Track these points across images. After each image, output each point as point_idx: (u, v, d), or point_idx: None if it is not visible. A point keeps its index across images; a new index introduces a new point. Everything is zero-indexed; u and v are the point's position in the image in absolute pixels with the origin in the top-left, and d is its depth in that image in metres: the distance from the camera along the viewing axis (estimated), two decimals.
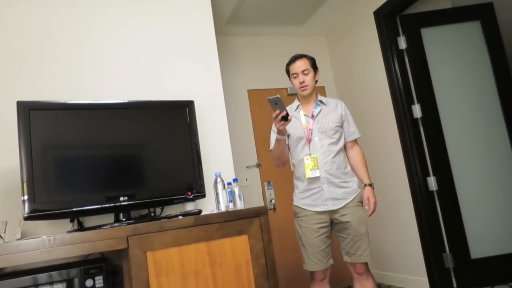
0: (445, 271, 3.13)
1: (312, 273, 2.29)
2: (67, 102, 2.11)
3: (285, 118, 2.05)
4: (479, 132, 3.25)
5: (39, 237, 1.66)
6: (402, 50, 3.37)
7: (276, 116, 2.04)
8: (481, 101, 3.28)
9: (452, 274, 3.13)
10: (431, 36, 3.36)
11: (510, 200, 3.17)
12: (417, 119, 3.29)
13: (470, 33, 3.36)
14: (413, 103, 3.30)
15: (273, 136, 2.40)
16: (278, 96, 2.01)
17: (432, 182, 3.20)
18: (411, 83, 3.33)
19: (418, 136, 3.27)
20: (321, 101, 2.38)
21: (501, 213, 3.16)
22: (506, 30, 3.67)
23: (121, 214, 2.14)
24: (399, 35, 3.39)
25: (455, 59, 3.33)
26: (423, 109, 3.27)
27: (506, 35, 3.63)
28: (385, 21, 3.42)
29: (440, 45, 3.35)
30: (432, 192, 3.21)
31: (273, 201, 3.82)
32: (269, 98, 2.00)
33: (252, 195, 3.72)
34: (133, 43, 2.61)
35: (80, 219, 2.17)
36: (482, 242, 3.12)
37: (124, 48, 2.58)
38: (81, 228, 2.11)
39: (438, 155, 3.22)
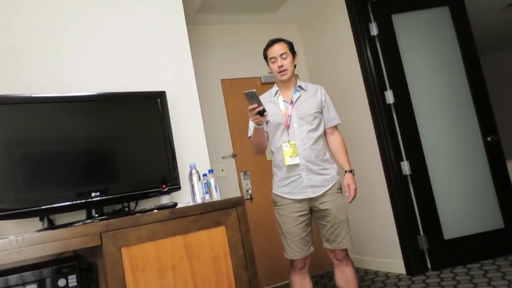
0: (419, 253, 3.21)
1: (291, 261, 2.29)
2: (33, 95, 2.02)
3: (261, 113, 2.03)
4: (449, 117, 3.31)
5: (7, 238, 1.59)
6: (373, 36, 3.39)
7: (252, 109, 2.01)
8: (451, 86, 3.35)
9: (426, 255, 3.22)
10: (402, 22, 3.39)
11: (480, 182, 3.27)
12: (389, 104, 3.32)
13: (439, 18, 3.41)
14: (386, 89, 3.33)
15: (252, 124, 2.37)
16: (254, 90, 1.98)
17: (405, 167, 3.26)
18: (383, 69, 3.36)
19: (391, 121, 3.31)
20: (300, 87, 2.35)
21: (472, 194, 3.25)
22: (473, 15, 3.73)
23: (93, 210, 2.07)
24: (370, 22, 3.40)
25: (425, 44, 3.38)
26: (395, 95, 3.31)
27: (474, 19, 3.69)
28: (357, 7, 3.43)
29: (410, 31, 3.38)
30: (405, 176, 3.27)
31: (249, 191, 3.81)
32: (245, 92, 1.97)
33: (228, 186, 3.70)
34: (100, 33, 2.51)
35: (51, 217, 2.09)
36: (454, 223, 3.21)
37: (91, 38, 2.48)
38: (51, 226, 2.04)
39: (411, 140, 3.27)
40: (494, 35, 5.65)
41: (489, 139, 3.27)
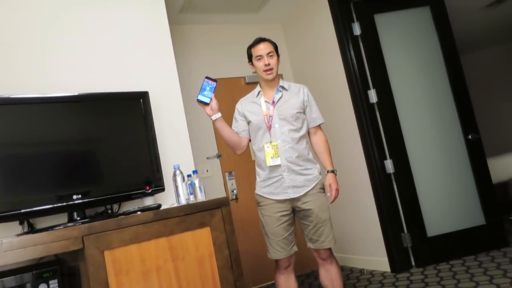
0: (403, 250, 3.24)
1: (276, 261, 2.29)
2: (11, 96, 1.97)
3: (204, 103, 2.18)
4: (432, 115, 3.36)
5: None
6: (356, 36, 3.41)
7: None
8: (432, 85, 3.39)
9: (410, 253, 3.25)
10: (384, 22, 3.42)
11: (461, 179, 3.32)
12: (373, 104, 3.35)
13: (421, 18, 3.46)
14: (369, 88, 3.36)
15: (233, 124, 2.37)
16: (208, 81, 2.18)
17: (389, 165, 3.29)
18: (366, 69, 3.38)
19: (374, 120, 3.33)
20: (282, 87, 2.34)
21: (454, 192, 3.30)
22: (453, 15, 3.79)
23: (75, 213, 2.03)
24: (353, 21, 3.43)
25: (407, 44, 3.42)
26: (378, 94, 3.34)
27: (454, 19, 3.75)
28: (339, 7, 3.44)
29: (393, 30, 3.42)
30: (389, 174, 3.30)
31: (235, 191, 3.80)
32: (207, 76, 2.20)
33: (213, 186, 3.68)
34: (81, 33, 2.47)
35: (31, 221, 2.04)
36: (437, 221, 3.25)
37: (72, 38, 2.43)
38: (31, 230, 1.99)
39: (394, 139, 3.30)
40: (474, 35, 5.75)
41: (470, 137, 3.33)
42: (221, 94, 3.84)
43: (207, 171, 3.72)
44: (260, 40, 2.31)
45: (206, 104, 2.16)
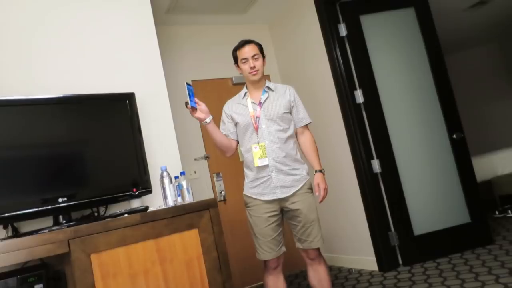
0: (391, 249, 3.27)
1: (265, 262, 2.28)
2: None
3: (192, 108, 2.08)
4: (417, 115, 3.40)
5: None
6: (343, 37, 3.43)
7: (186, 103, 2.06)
8: (418, 85, 3.43)
9: (398, 251, 3.28)
10: (369, 23, 3.45)
11: (447, 178, 3.36)
12: (359, 104, 3.37)
13: (406, 19, 3.50)
14: (355, 89, 3.39)
15: (221, 127, 2.36)
16: (185, 83, 2.08)
17: (376, 165, 3.31)
18: (352, 69, 3.41)
19: (361, 120, 3.36)
20: (268, 88, 2.35)
21: (440, 191, 3.34)
22: (437, 16, 3.84)
23: (60, 217, 2.00)
24: (339, 22, 3.45)
25: (393, 44, 3.45)
26: (365, 95, 3.36)
27: (438, 20, 3.80)
28: (325, 8, 3.46)
29: (378, 31, 3.45)
30: (376, 174, 3.33)
31: (223, 192, 3.79)
32: (188, 83, 2.09)
33: (201, 188, 3.66)
34: (67, 34, 2.43)
35: (16, 224, 2.01)
36: (423, 219, 3.29)
37: (57, 39, 2.40)
38: (16, 234, 1.96)
39: (381, 139, 3.33)
40: (458, 35, 5.84)
41: (454, 136, 3.37)
42: (209, 95, 3.84)
43: (195, 172, 3.70)
44: (245, 43, 2.31)
45: (194, 108, 2.10)
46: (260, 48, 2.33)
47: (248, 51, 2.27)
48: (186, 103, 2.04)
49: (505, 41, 6.50)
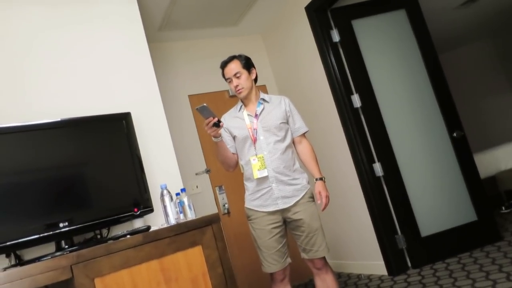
0: (399, 252, 3.23)
1: (271, 274, 2.26)
2: None
3: (217, 125, 2.02)
4: (416, 116, 3.38)
5: None
6: (336, 42, 3.43)
7: (208, 123, 2.00)
8: (414, 86, 3.42)
9: (406, 254, 3.24)
10: (362, 27, 3.45)
11: (450, 177, 3.33)
12: (357, 108, 3.36)
13: (397, 21, 3.50)
14: (352, 93, 3.38)
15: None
16: (205, 104, 1.97)
17: (378, 168, 3.29)
18: (348, 74, 3.40)
19: (360, 125, 3.35)
20: (263, 99, 2.35)
21: (444, 190, 3.31)
22: (429, 16, 3.85)
23: (63, 242, 1.98)
24: (331, 29, 3.45)
25: (386, 47, 3.45)
26: (362, 99, 3.35)
27: (430, 20, 3.80)
28: (317, 15, 3.47)
29: (371, 35, 3.45)
30: (379, 177, 3.30)
31: (226, 205, 3.76)
32: (196, 108, 1.98)
33: (204, 202, 3.64)
34: (60, 57, 2.44)
35: (18, 252, 1.99)
36: (429, 220, 3.26)
37: (50, 62, 2.41)
38: (19, 262, 1.94)
39: (381, 142, 3.31)
40: (450, 34, 5.85)
41: (455, 134, 3.36)
42: None
43: (197, 187, 3.68)
44: (226, 63, 2.31)
45: (222, 123, 2.06)
46: (245, 62, 2.32)
47: (228, 71, 2.29)
48: (219, 121, 2.01)
49: (497, 37, 6.51)
